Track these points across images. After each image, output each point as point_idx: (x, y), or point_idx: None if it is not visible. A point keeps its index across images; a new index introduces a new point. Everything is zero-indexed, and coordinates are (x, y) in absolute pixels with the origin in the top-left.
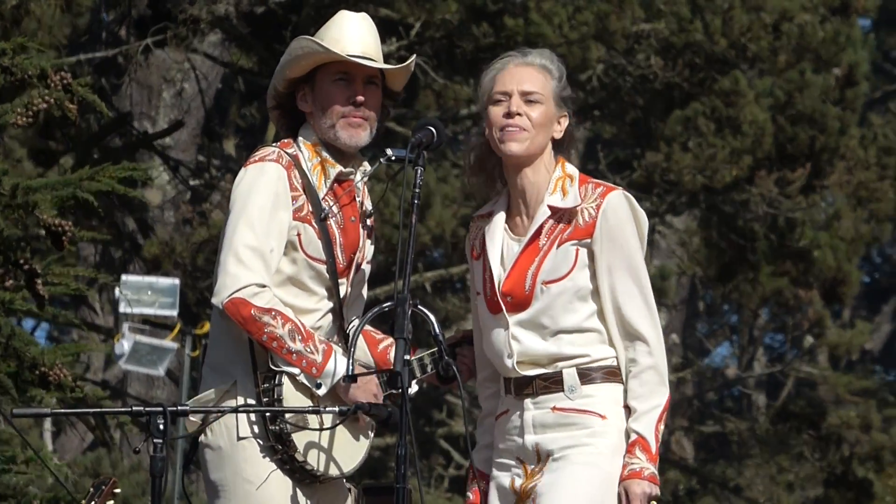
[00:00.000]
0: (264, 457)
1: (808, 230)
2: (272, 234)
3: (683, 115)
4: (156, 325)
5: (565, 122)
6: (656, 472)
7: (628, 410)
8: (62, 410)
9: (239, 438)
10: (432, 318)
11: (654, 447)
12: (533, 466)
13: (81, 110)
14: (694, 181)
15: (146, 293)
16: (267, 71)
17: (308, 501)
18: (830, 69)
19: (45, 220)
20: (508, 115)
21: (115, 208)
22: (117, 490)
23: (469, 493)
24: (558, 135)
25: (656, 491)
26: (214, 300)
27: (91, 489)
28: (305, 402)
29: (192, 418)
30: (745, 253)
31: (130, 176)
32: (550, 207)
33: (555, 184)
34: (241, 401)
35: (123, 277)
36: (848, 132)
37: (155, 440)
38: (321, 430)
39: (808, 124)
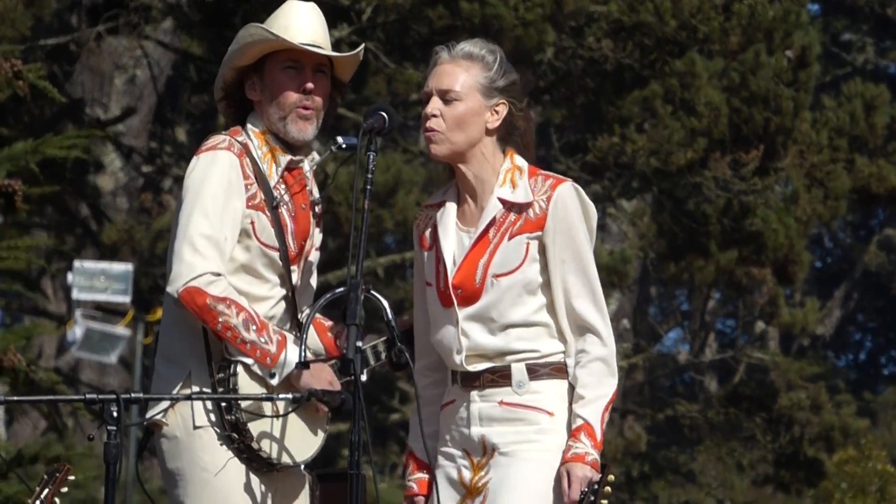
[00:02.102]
0: (221, 445)
1: (759, 211)
2: (226, 222)
3: (640, 96)
4: (108, 312)
5: (504, 110)
6: (598, 459)
7: (576, 398)
8: (15, 398)
9: (195, 427)
10: (385, 303)
11: (599, 434)
12: (479, 458)
13: (34, 97)
14: (648, 164)
15: (99, 279)
16: (218, 58)
17: (265, 489)
18: (783, 50)
19: None
20: (426, 117)
21: (67, 194)
22: (71, 477)
23: (412, 484)
24: (493, 124)
25: (597, 477)
26: (169, 289)
27: (45, 476)
28: (260, 391)
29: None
30: (698, 236)
31: (73, 144)
32: (501, 200)
33: (504, 176)
34: (196, 390)
35: (76, 263)
36: (801, 114)
37: (109, 427)
38: (276, 416)
39: (762, 106)
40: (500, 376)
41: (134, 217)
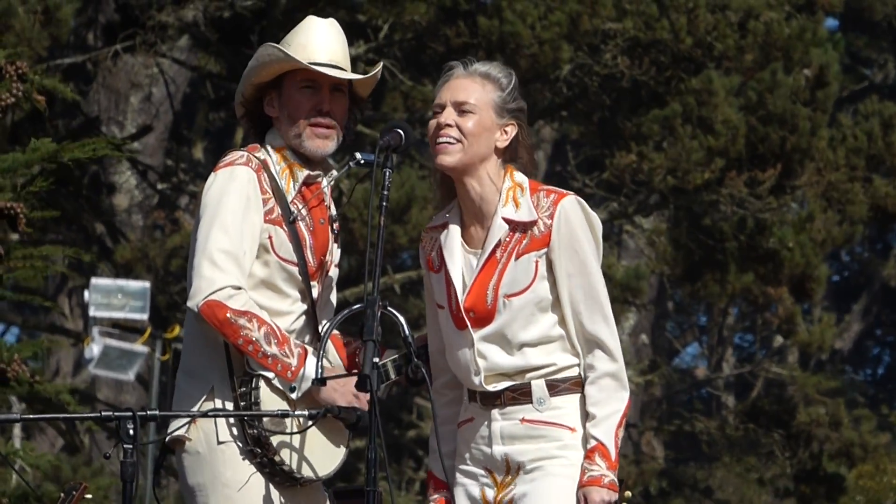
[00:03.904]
0: (244, 460)
1: (776, 229)
2: (245, 236)
3: (659, 114)
4: (126, 329)
5: (513, 131)
6: (616, 480)
7: (588, 417)
8: (32, 416)
9: (219, 443)
10: (402, 319)
11: (613, 454)
12: (503, 477)
13: (52, 115)
14: (665, 182)
15: (116, 296)
16: (235, 75)
17: None
18: (800, 69)
19: None
20: (439, 126)
21: (83, 211)
22: (88, 495)
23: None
24: (502, 143)
25: (615, 498)
26: (190, 303)
27: (62, 494)
28: (283, 406)
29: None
30: (715, 253)
31: (94, 150)
32: (506, 220)
33: (506, 195)
34: (219, 405)
35: (93, 281)
36: (818, 133)
37: (125, 445)
38: (298, 432)
39: (778, 125)
40: (520, 394)
41: (148, 235)
